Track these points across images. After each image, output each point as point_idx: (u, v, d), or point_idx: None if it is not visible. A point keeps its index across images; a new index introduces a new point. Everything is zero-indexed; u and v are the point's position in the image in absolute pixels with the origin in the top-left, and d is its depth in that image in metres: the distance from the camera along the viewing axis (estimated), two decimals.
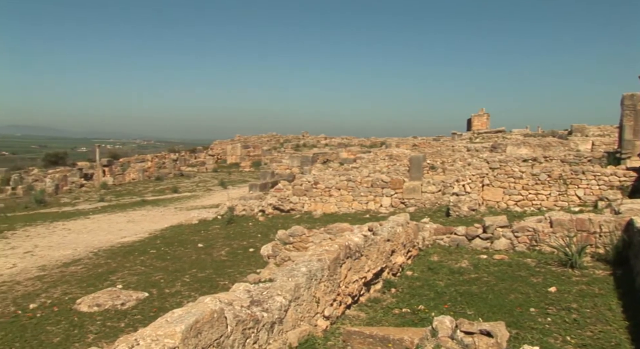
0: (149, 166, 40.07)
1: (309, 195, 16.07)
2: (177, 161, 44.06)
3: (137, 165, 39.90)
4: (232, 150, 45.76)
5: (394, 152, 22.26)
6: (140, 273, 9.95)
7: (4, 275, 10.72)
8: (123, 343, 3.38)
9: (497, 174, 14.28)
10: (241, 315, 4.07)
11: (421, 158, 16.85)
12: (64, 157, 62.61)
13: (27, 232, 17.17)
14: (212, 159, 45.15)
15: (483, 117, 43.26)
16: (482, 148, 22.79)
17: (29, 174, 39.06)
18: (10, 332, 6.97)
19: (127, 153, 58.06)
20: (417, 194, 14.87)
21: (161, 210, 21.90)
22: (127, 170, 38.21)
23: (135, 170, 37.97)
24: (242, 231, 13.91)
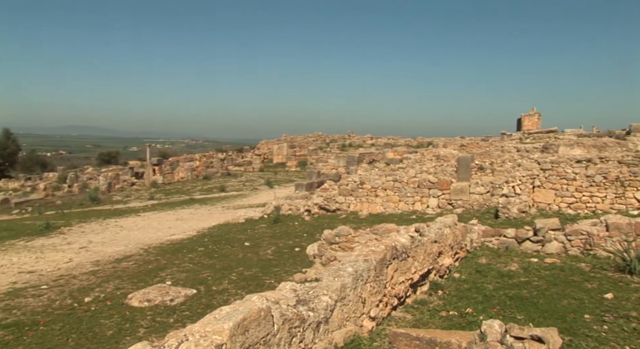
0: (197, 165, 40.85)
1: (355, 195, 16.02)
2: (225, 160, 44.75)
3: (185, 164, 40.75)
4: (279, 149, 46.15)
5: (441, 152, 21.93)
6: (188, 270, 10.15)
7: (61, 269, 11.14)
8: (173, 338, 3.44)
9: (548, 175, 13.86)
10: (288, 314, 4.08)
11: (469, 158, 16.55)
12: (116, 156, 64.70)
13: (82, 228, 17.79)
14: (258, 159, 45.66)
15: (534, 116, 42.10)
16: (532, 149, 22.19)
17: (84, 172, 40.51)
18: (67, 323, 7.23)
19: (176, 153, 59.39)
20: (464, 195, 14.61)
21: (209, 209, 22.28)
22: (176, 169, 39.06)
23: (184, 169, 38.78)
24: (288, 230, 13.99)
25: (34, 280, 10.27)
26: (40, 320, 7.44)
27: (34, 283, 9.90)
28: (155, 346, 3.45)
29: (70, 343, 6.50)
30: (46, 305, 8.30)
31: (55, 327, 7.11)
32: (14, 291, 9.33)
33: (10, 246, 14.67)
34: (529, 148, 22.08)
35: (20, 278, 10.51)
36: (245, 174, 39.53)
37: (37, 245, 14.82)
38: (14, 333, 6.99)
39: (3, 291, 9.44)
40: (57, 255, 12.93)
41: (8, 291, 9.42)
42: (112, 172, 37.17)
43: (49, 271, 10.98)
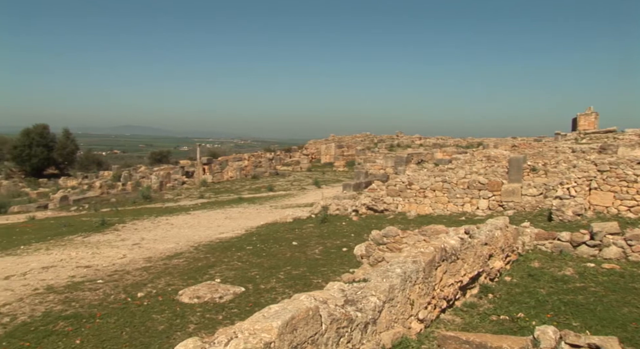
0: (246, 165, 41.42)
1: (403, 196, 15.88)
2: (273, 160, 45.20)
3: (234, 163, 41.38)
4: (326, 149, 46.26)
5: (492, 153, 21.44)
6: (237, 269, 10.29)
7: (115, 265, 11.51)
8: (222, 335, 3.49)
9: (606, 177, 13.33)
10: (335, 314, 4.08)
11: (521, 159, 16.11)
12: (167, 155, 66.38)
13: (135, 225, 18.32)
14: (306, 158, 45.91)
15: (591, 116, 40.58)
16: (589, 150, 21.40)
17: (137, 171, 41.76)
18: (121, 317, 7.47)
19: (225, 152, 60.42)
20: (516, 197, 14.24)
21: (257, 208, 22.54)
22: (225, 169, 39.71)
23: (232, 169, 39.39)
24: (335, 230, 14.00)
25: (90, 274, 10.65)
26: (96, 313, 7.71)
27: (90, 278, 10.26)
28: (205, 342, 3.51)
29: (124, 336, 6.71)
30: (102, 299, 8.59)
31: (111, 320, 7.36)
32: (73, 285, 9.71)
33: (69, 242, 15.27)
34: (585, 149, 21.32)
35: (78, 272, 10.91)
36: (293, 174, 39.80)
37: (93, 240, 15.36)
38: (73, 324, 7.27)
39: (63, 284, 9.83)
40: (111, 250, 13.36)
41: (67, 284, 9.81)
42: (163, 171, 38.16)
43: (104, 267, 11.36)
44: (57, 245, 14.65)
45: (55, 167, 57.69)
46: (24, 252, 13.77)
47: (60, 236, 16.35)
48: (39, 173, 54.07)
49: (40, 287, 9.70)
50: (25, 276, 10.78)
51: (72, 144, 60.72)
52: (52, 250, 13.80)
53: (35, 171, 54.12)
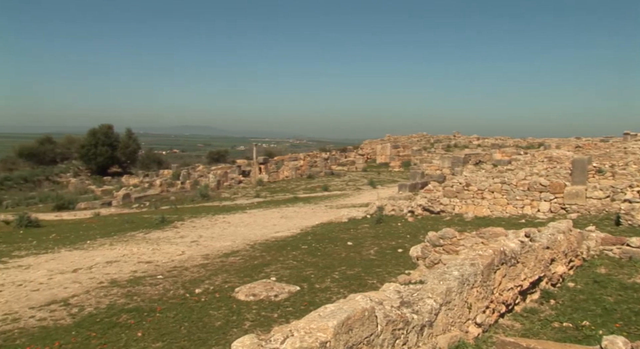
0: (301, 164, 41.72)
1: (460, 197, 15.57)
2: (328, 160, 45.33)
3: (290, 163, 41.76)
4: (382, 149, 45.99)
5: (554, 154, 20.73)
6: (292, 267, 10.37)
7: (174, 261, 11.83)
8: (278, 333, 3.52)
9: None
10: (391, 315, 4.04)
11: (586, 160, 15.50)
12: (225, 154, 67.78)
13: (193, 223, 18.78)
14: (361, 158, 45.79)
15: None
16: None
17: (195, 170, 42.82)
18: (180, 312, 7.67)
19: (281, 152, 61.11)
20: (580, 199, 13.69)
21: (312, 208, 22.65)
22: (281, 168, 40.14)
23: (288, 168, 39.77)
24: (390, 231, 13.89)
25: (151, 269, 10.99)
26: (156, 307, 7.95)
27: (151, 273, 10.59)
28: (261, 339, 3.55)
29: (183, 331, 6.88)
30: (161, 294, 8.85)
31: (170, 315, 7.57)
32: (135, 279, 10.05)
33: (131, 238, 15.82)
34: None
35: (140, 267, 11.29)
36: (348, 174, 39.77)
37: (153, 237, 15.85)
38: (135, 317, 7.53)
39: (125, 278, 10.20)
40: (171, 247, 13.74)
41: (130, 278, 10.16)
42: (221, 170, 38.98)
43: (164, 263, 11.69)
44: (120, 241, 15.22)
45: (118, 165, 59.98)
46: (90, 247, 14.37)
47: (123, 233, 16.97)
48: (103, 171, 56.38)
49: (105, 280, 10.10)
50: (91, 269, 11.26)
51: (134, 143, 62.97)
52: (116, 246, 14.33)
53: (101, 169, 56.47)
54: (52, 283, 10.17)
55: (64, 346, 6.52)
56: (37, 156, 61.44)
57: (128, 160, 61.61)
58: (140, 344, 6.50)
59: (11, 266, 12.07)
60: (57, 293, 9.36)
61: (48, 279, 10.50)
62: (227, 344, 6.23)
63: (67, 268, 11.54)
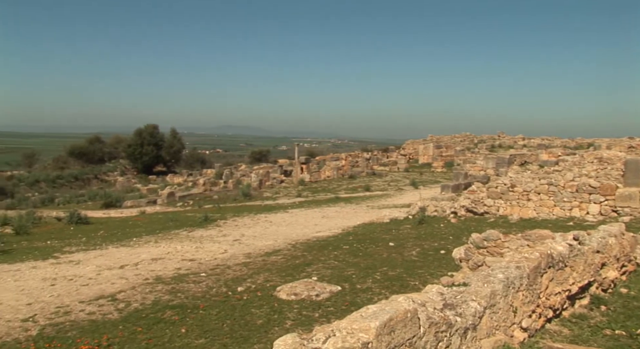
0: (343, 164, 41.68)
1: (504, 198, 15.25)
2: (370, 160, 45.16)
3: (331, 163, 41.78)
4: (424, 150, 45.51)
5: (605, 155, 20.01)
6: (333, 267, 10.37)
7: (217, 259, 12.00)
8: (320, 333, 3.52)
9: None
10: (434, 317, 3.98)
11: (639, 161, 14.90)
12: (266, 154, 68.43)
13: (235, 222, 19.03)
14: (403, 159, 45.43)
15: None
16: None
17: (237, 169, 43.36)
18: (222, 310, 7.77)
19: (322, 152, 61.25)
20: (633, 202, 13.20)
21: (353, 208, 22.61)
22: (323, 168, 40.21)
23: (330, 168, 39.80)
24: (433, 232, 13.73)
25: (194, 267, 11.18)
26: (200, 305, 8.08)
27: (194, 270, 10.78)
28: (303, 338, 3.55)
29: (225, 328, 6.97)
30: (204, 291, 8.99)
31: (213, 312, 7.68)
32: (179, 277, 10.24)
33: (175, 236, 16.15)
34: None
35: (183, 264, 11.50)
36: (390, 174, 39.51)
37: (197, 235, 16.13)
38: (179, 314, 7.68)
39: (170, 275, 10.41)
40: (213, 245, 13.94)
41: (174, 276, 10.36)
42: (262, 170, 39.34)
43: (207, 260, 11.88)
44: (165, 239, 15.55)
45: (163, 164, 61.33)
46: (136, 244, 14.74)
47: (168, 230, 17.34)
48: (149, 170, 57.75)
49: (150, 277, 10.33)
50: (137, 266, 11.54)
51: (178, 143, 64.26)
52: (160, 243, 14.65)
53: (146, 168, 57.86)
54: (101, 278, 10.48)
55: (112, 340, 6.69)
56: (86, 155, 63.45)
57: (172, 160, 62.93)
58: (184, 340, 6.62)
59: (62, 261, 12.50)
60: (105, 288, 9.63)
61: (96, 274, 10.82)
62: (269, 342, 6.27)
63: (115, 264, 11.86)
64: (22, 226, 18.45)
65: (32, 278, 10.79)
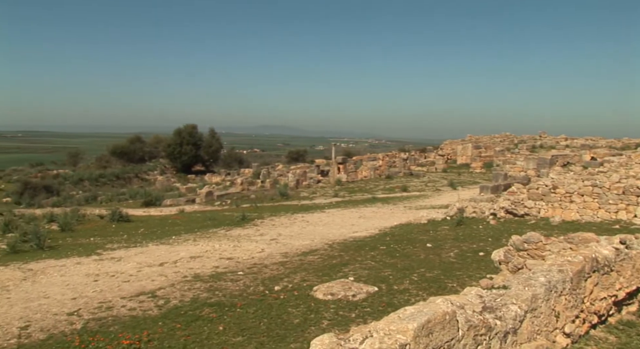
0: (380, 164, 41.49)
1: (546, 200, 14.89)
2: (407, 160, 44.82)
3: (368, 163, 41.65)
4: (463, 150, 44.88)
5: None
6: (370, 268, 10.31)
7: (254, 258, 12.09)
8: (357, 333, 3.50)
9: None
10: (473, 320, 3.92)
11: None
12: (303, 154, 68.78)
13: (272, 221, 19.14)
14: (441, 159, 44.91)
15: None
16: None
17: (275, 169, 43.68)
18: (259, 308, 7.82)
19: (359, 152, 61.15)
20: None
21: (390, 208, 22.47)
22: (360, 168, 40.11)
23: (367, 168, 39.68)
24: (471, 233, 13.51)
25: (232, 265, 11.29)
26: (237, 303, 8.15)
27: (232, 269, 10.88)
28: (340, 339, 3.54)
29: (262, 327, 7.01)
30: (242, 290, 9.07)
31: (250, 310, 7.73)
32: (217, 275, 10.36)
33: (213, 234, 16.35)
34: None
35: (221, 263, 11.63)
36: (428, 174, 39.13)
37: (234, 234, 16.30)
38: (216, 311, 7.76)
39: (208, 273, 10.54)
40: (251, 244, 14.06)
41: (212, 274, 10.49)
42: (299, 170, 39.51)
43: (244, 259, 11.98)
44: (203, 237, 15.76)
45: (202, 164, 62.30)
46: (175, 242, 14.99)
47: (206, 229, 17.57)
48: (188, 169, 58.78)
49: (189, 275, 10.48)
50: (176, 264, 11.73)
51: (217, 143, 65.18)
52: (199, 241, 14.85)
53: (185, 167, 58.90)
54: (141, 275, 10.69)
55: (152, 336, 6.82)
56: (127, 154, 65.01)
57: (211, 159, 63.86)
58: (221, 337, 6.69)
59: (105, 258, 12.81)
60: (145, 285, 9.83)
61: (137, 271, 11.05)
62: (306, 341, 6.28)
63: (154, 261, 12.09)
64: (67, 224, 19.02)
65: (76, 273, 11.11)
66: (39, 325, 7.64)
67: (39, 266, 12.00)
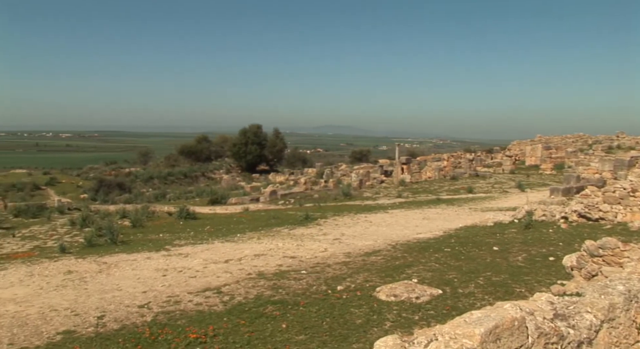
0: (445, 165, 40.74)
1: (623, 204, 14.13)
2: (473, 161, 43.79)
3: (433, 163, 40.99)
4: (532, 151, 43.35)
5: None
6: (434, 270, 10.13)
7: (317, 257, 12.15)
8: (422, 336, 3.43)
9: None
10: (544, 327, 3.75)
11: None
12: (367, 154, 68.61)
13: (335, 221, 19.18)
14: (509, 160, 43.56)
15: None
16: None
17: (338, 169, 43.77)
18: (322, 308, 7.85)
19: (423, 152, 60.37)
20: None
21: (455, 210, 22.02)
22: (424, 169, 39.54)
23: (431, 169, 39.06)
24: (541, 237, 13.02)
25: (295, 264, 11.39)
26: (300, 301, 8.21)
27: (295, 268, 10.98)
28: (404, 341, 3.48)
29: (325, 326, 7.03)
30: (305, 289, 9.13)
31: (312, 309, 7.77)
32: (280, 273, 10.49)
33: (276, 233, 16.57)
34: None
35: (284, 261, 11.76)
36: (495, 176, 38.04)
37: (297, 233, 16.44)
38: (279, 309, 7.85)
39: (271, 271, 10.69)
40: (314, 244, 14.14)
41: (275, 272, 10.63)
42: (363, 170, 39.42)
43: (307, 258, 12.06)
44: (267, 235, 15.99)
45: (266, 163, 63.32)
46: (240, 240, 15.29)
47: (270, 228, 17.83)
48: (252, 168, 59.91)
49: (253, 272, 10.67)
50: (240, 261, 11.96)
51: (281, 142, 66.07)
52: (263, 240, 15.09)
53: (250, 167, 60.06)
54: (207, 271, 10.98)
55: (217, 331, 6.98)
56: (195, 153, 67.02)
57: (275, 158, 64.79)
58: (284, 335, 6.75)
59: (173, 253, 13.25)
60: (211, 281, 10.08)
61: (203, 267, 11.35)
62: (368, 342, 6.25)
63: (220, 258, 12.38)
64: (138, 220, 19.83)
65: (146, 267, 11.55)
66: (113, 316, 8.01)
67: (112, 259, 12.57)
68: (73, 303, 8.81)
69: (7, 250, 15.10)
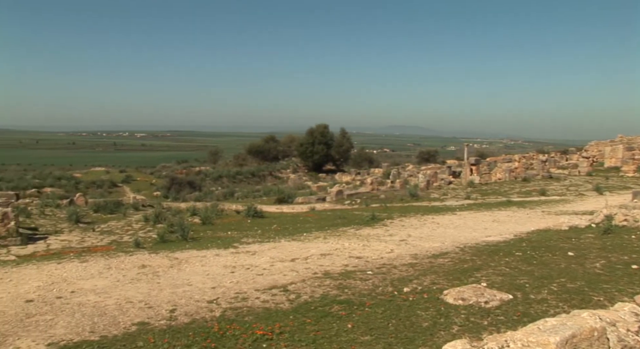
0: (516, 166, 39.47)
1: None
2: (546, 162, 42.17)
3: (503, 164, 39.82)
4: (612, 152, 41.23)
5: None
6: (504, 274, 9.81)
7: (383, 258, 12.05)
8: (493, 342, 3.33)
9: None
10: (627, 340, 3.54)
11: None
12: (434, 154, 67.63)
13: (402, 222, 18.97)
14: (586, 161, 41.66)
15: None
16: None
17: (405, 169, 43.35)
18: (388, 309, 7.77)
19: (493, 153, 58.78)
20: None
21: (527, 212, 21.27)
22: (494, 170, 38.48)
23: (501, 170, 37.93)
24: (622, 243, 12.33)
25: (361, 264, 11.34)
26: (366, 302, 8.16)
27: (361, 268, 10.93)
28: (473, 346, 3.39)
29: (390, 328, 6.95)
30: (371, 289, 9.07)
31: (378, 310, 7.70)
32: (346, 273, 10.47)
33: (342, 233, 16.57)
34: None
35: (350, 261, 11.74)
36: (570, 178, 36.47)
37: (363, 233, 16.38)
38: (345, 309, 7.84)
39: (337, 271, 10.69)
40: (380, 244, 14.03)
41: (341, 272, 10.63)
42: (430, 170, 38.82)
43: (373, 259, 11.98)
44: (333, 235, 16.03)
45: (332, 163, 63.60)
46: (306, 239, 15.40)
47: (335, 227, 17.86)
48: (319, 168, 60.34)
49: (319, 271, 10.71)
50: (306, 260, 12.04)
51: (347, 142, 66.18)
52: (329, 239, 15.13)
53: (316, 166, 60.53)
54: (273, 269, 11.12)
55: (283, 328, 7.05)
56: (262, 153, 68.28)
57: (341, 158, 64.96)
58: (350, 335, 6.73)
59: (241, 251, 13.52)
60: (277, 279, 10.20)
61: (270, 265, 11.51)
62: (434, 346, 6.13)
63: (286, 257, 12.51)
64: (208, 217, 20.41)
65: (215, 264, 11.85)
66: (184, 310, 8.26)
67: (183, 255, 12.98)
68: (147, 296, 9.17)
69: (88, 244, 15.97)
